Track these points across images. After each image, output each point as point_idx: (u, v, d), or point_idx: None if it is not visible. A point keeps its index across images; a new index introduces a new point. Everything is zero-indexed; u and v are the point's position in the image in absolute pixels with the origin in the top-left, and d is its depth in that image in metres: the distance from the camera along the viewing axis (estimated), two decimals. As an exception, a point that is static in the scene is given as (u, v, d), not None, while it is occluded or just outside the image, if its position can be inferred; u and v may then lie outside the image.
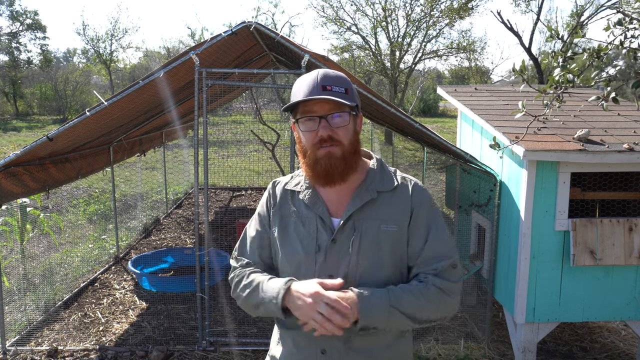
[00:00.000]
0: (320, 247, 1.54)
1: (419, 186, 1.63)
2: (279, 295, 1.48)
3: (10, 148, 14.82)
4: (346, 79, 1.55)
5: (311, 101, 1.50)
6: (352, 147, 1.53)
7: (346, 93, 1.51)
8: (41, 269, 5.95)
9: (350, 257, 1.52)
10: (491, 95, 5.08)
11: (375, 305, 1.44)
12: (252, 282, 1.59)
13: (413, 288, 1.50)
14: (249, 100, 14.12)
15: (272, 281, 1.54)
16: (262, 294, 1.54)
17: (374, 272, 1.53)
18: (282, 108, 1.53)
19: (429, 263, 1.55)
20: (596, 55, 2.44)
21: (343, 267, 1.52)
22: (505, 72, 35.22)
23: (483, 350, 4.10)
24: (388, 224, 1.54)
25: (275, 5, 36.13)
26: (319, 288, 1.43)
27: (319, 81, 1.49)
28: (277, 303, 1.48)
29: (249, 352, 4.09)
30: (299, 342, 1.57)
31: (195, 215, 4.14)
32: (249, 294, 1.58)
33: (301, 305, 1.43)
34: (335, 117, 1.49)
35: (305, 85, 1.51)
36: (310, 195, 1.60)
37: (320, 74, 1.51)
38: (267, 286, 1.54)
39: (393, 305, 1.46)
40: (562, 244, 3.64)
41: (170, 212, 8.73)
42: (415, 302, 1.48)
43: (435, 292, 1.50)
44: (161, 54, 32.61)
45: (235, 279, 1.66)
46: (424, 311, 1.50)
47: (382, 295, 1.46)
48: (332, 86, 1.49)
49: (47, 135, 3.73)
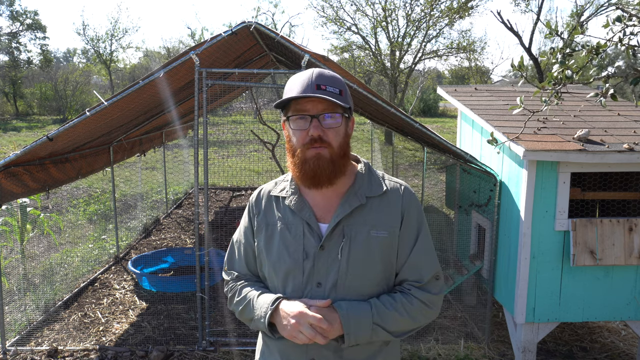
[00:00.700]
0: (308, 254, 1.50)
1: (409, 191, 1.60)
2: (267, 315, 1.49)
3: (10, 148, 14.82)
4: (341, 80, 1.52)
5: (304, 99, 1.46)
6: (341, 150, 1.49)
7: (340, 94, 1.48)
8: (41, 269, 5.95)
9: (340, 264, 1.49)
10: (491, 95, 5.08)
11: (359, 325, 1.45)
12: (244, 298, 1.59)
13: (397, 304, 1.49)
14: (249, 100, 14.12)
15: (261, 298, 1.54)
16: (252, 311, 1.55)
17: (364, 279, 1.50)
18: (274, 104, 1.50)
19: (412, 274, 1.54)
20: (595, 52, 2.44)
21: (332, 274, 1.49)
22: (505, 71, 35.23)
23: (483, 350, 4.10)
24: (378, 229, 1.51)
25: (275, 5, 36.22)
26: (304, 308, 1.43)
27: (314, 80, 1.46)
28: (264, 322, 1.49)
29: (249, 352, 4.09)
30: (288, 352, 1.54)
31: (195, 215, 4.14)
32: (242, 309, 1.60)
33: (286, 325, 1.44)
34: (327, 118, 1.46)
35: (299, 82, 1.47)
36: (296, 201, 1.55)
37: (315, 72, 1.48)
38: (257, 303, 1.54)
39: (376, 322, 1.46)
40: (562, 244, 3.64)
41: (170, 212, 8.73)
42: (398, 318, 1.48)
43: (418, 307, 1.51)
44: (161, 54, 32.62)
45: (229, 294, 1.67)
46: (405, 326, 1.51)
47: (365, 314, 1.46)
48: (326, 86, 1.46)
49: (47, 135, 3.73)
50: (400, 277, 1.55)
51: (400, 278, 1.55)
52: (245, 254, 1.65)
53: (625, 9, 2.40)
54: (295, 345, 1.50)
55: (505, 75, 26.96)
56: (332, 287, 1.49)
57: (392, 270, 1.55)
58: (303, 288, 1.50)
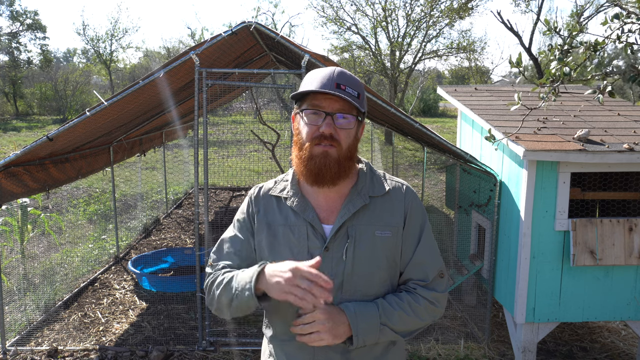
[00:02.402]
0: (313, 255, 1.47)
1: (411, 190, 1.60)
2: (252, 278, 1.40)
3: (11, 148, 14.82)
4: (361, 83, 1.51)
5: (321, 95, 1.44)
6: (349, 152, 1.48)
7: (358, 97, 1.47)
8: (41, 269, 5.95)
9: (345, 265, 1.48)
10: (491, 95, 5.08)
11: (367, 326, 1.44)
12: (225, 279, 1.51)
13: (403, 303, 1.49)
14: (249, 100, 14.11)
15: (241, 273, 1.48)
16: (234, 285, 1.46)
17: (369, 279, 1.50)
18: (292, 95, 1.48)
19: (417, 272, 1.54)
20: (593, 49, 2.43)
21: (338, 275, 1.48)
22: (505, 72, 35.22)
23: (483, 350, 4.10)
24: (382, 229, 1.51)
25: (275, 5, 36.07)
26: (298, 264, 1.36)
27: (335, 77, 1.44)
28: (250, 287, 1.40)
29: (249, 352, 4.09)
30: (293, 355, 1.52)
31: (195, 215, 4.14)
32: (222, 290, 1.49)
33: (279, 281, 1.34)
34: (340, 118, 1.45)
35: (319, 77, 1.45)
36: (298, 202, 1.53)
37: (337, 71, 1.47)
38: (240, 276, 1.47)
39: (384, 322, 1.45)
40: (562, 244, 3.64)
41: (170, 212, 8.73)
42: (405, 317, 1.48)
43: (425, 306, 1.51)
44: (161, 54, 32.60)
45: (209, 283, 1.57)
46: (412, 325, 1.51)
47: (372, 314, 1.45)
48: (346, 86, 1.44)
49: (47, 135, 3.73)
50: (404, 276, 1.55)
51: (404, 277, 1.55)
52: (240, 247, 1.59)
53: (623, 7, 2.40)
54: (302, 348, 1.49)
55: (505, 76, 26.97)
56: (338, 288, 1.49)
57: (396, 269, 1.55)
58: None
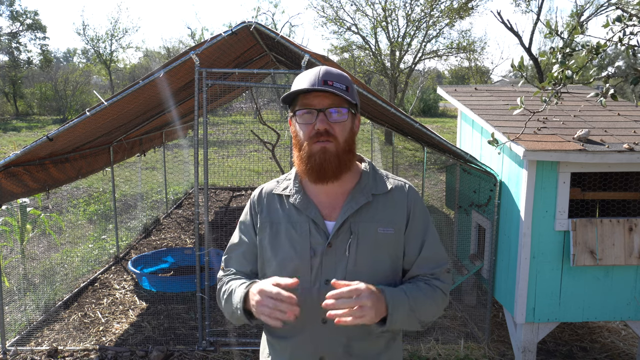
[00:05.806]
0: (316, 251, 1.50)
1: (414, 189, 1.63)
2: (241, 299, 1.48)
3: (10, 148, 14.82)
4: (347, 77, 1.54)
5: (311, 94, 1.48)
6: (347, 145, 1.51)
7: (347, 90, 1.50)
8: (41, 269, 5.95)
9: (348, 261, 1.50)
10: (491, 95, 5.08)
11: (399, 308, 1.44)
12: (227, 291, 1.58)
13: (424, 290, 1.51)
14: (249, 100, 14.11)
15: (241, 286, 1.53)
16: (233, 300, 1.53)
17: (372, 275, 1.51)
18: (281, 97, 1.51)
19: (426, 267, 1.56)
20: (595, 52, 2.44)
21: (340, 271, 1.50)
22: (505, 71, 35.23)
23: (483, 350, 4.10)
24: (385, 227, 1.53)
25: (275, 5, 36.14)
26: (264, 285, 1.41)
27: (321, 76, 1.48)
28: (240, 308, 1.48)
29: (249, 352, 4.09)
30: (295, 351, 1.53)
31: (195, 215, 4.14)
32: (225, 303, 1.58)
33: (253, 305, 1.43)
34: (333, 112, 1.48)
35: (306, 78, 1.49)
36: (300, 199, 1.56)
37: (322, 69, 1.50)
38: (236, 292, 1.53)
39: (412, 308, 1.47)
40: (562, 244, 3.64)
41: (170, 212, 8.73)
42: (427, 303, 1.50)
43: (440, 295, 1.54)
44: (161, 54, 32.61)
45: (218, 289, 1.65)
46: (431, 312, 1.53)
47: (403, 297, 1.46)
48: (333, 82, 1.48)
49: (47, 135, 3.73)
50: (413, 272, 1.57)
51: (413, 273, 1.57)
52: (245, 250, 1.63)
53: (625, 9, 2.40)
54: (304, 343, 1.51)
55: (505, 76, 26.97)
56: None
57: (399, 266, 1.57)
58: (311, 286, 1.51)
